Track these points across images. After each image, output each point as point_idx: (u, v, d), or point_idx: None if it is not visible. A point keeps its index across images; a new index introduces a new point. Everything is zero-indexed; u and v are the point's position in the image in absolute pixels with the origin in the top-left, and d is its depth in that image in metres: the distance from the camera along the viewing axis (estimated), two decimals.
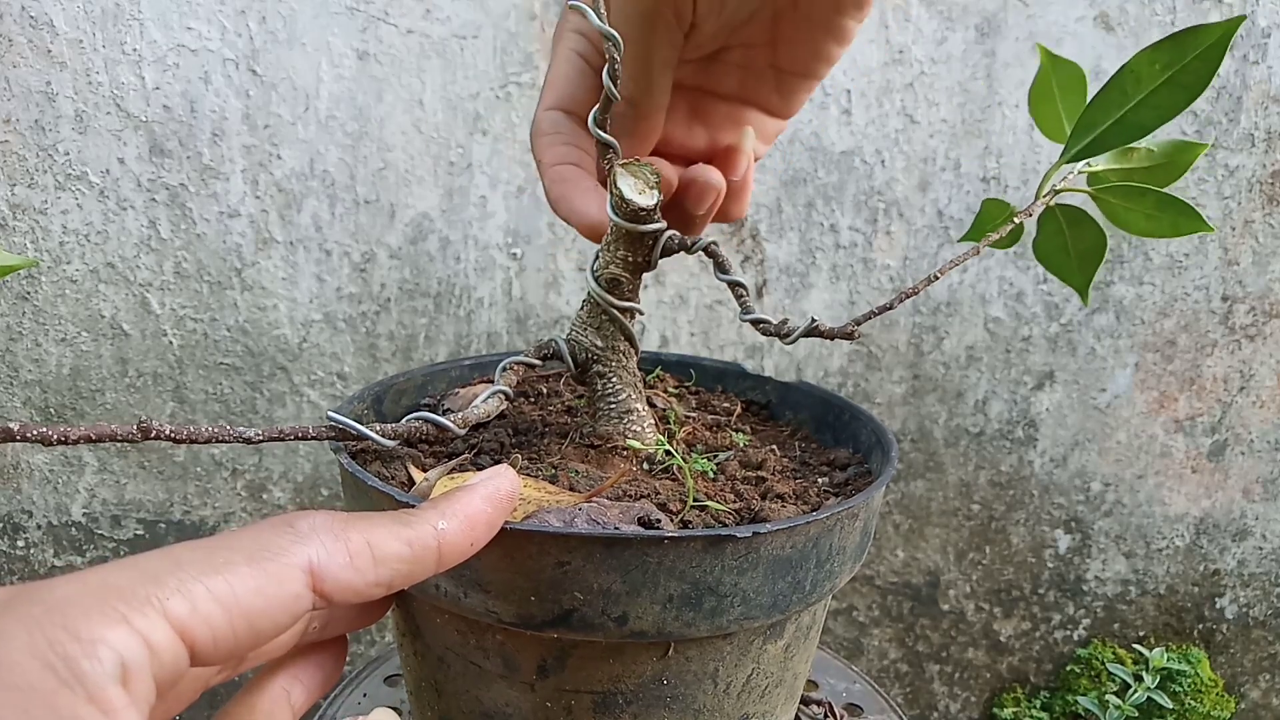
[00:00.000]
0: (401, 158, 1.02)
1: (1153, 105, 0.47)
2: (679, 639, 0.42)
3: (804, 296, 1.10)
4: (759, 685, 0.48)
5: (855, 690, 0.74)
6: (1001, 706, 1.26)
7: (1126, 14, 1.03)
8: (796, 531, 0.42)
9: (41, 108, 0.96)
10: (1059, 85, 0.56)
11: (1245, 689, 1.31)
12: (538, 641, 0.43)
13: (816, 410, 0.64)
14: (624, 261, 0.51)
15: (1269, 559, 1.25)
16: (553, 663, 0.44)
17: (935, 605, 1.24)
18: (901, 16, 1.02)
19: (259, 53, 0.97)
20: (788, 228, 1.08)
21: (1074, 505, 1.20)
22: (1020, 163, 1.08)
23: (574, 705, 0.44)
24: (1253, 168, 1.09)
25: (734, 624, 0.42)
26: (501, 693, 0.46)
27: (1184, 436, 1.19)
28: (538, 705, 0.45)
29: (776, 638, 0.47)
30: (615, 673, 0.43)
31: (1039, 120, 0.57)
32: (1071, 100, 0.56)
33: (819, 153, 1.06)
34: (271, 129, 0.99)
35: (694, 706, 0.46)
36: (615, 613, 0.40)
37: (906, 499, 1.19)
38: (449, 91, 1.01)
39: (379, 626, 1.17)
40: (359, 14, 0.97)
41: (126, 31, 0.95)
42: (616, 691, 0.44)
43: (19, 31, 0.93)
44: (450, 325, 1.08)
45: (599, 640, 0.42)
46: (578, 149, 0.51)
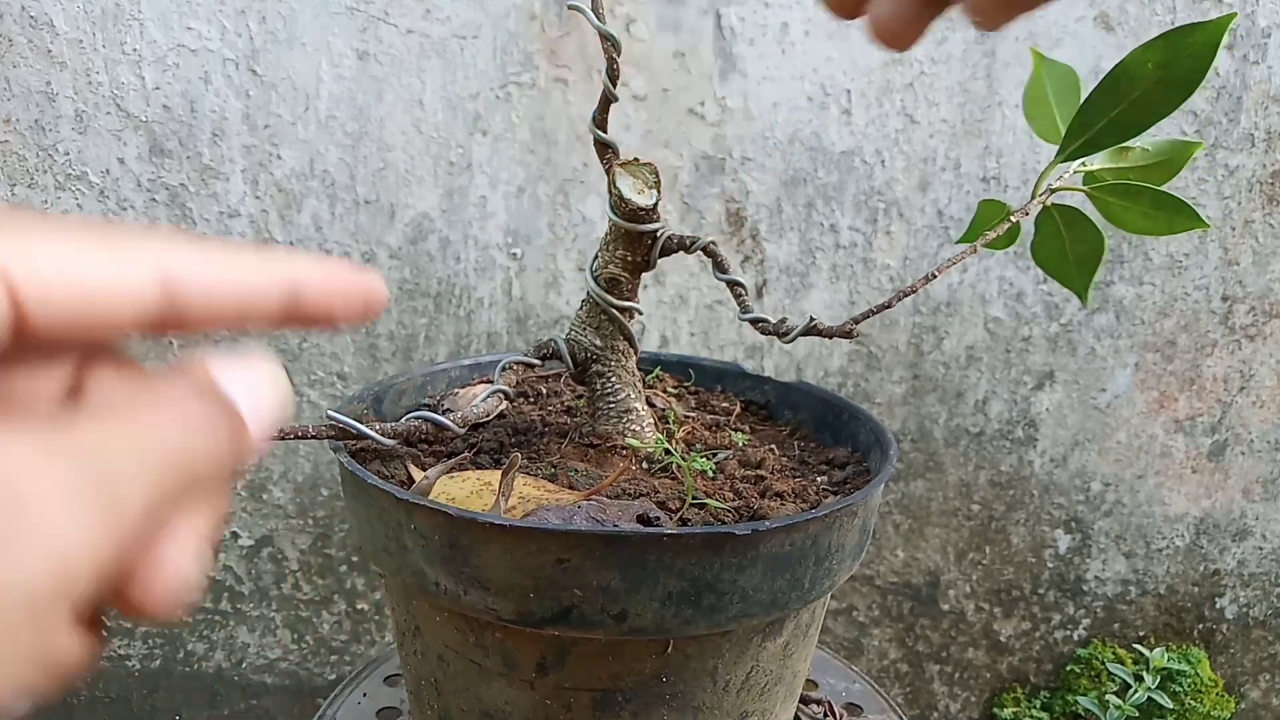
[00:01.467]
0: (401, 158, 1.02)
1: (1146, 104, 0.47)
2: (678, 636, 0.42)
3: (804, 296, 1.10)
4: (758, 683, 0.48)
5: (855, 690, 0.74)
6: (1001, 706, 1.26)
7: (1126, 14, 1.03)
8: (795, 529, 0.42)
9: (41, 108, 0.96)
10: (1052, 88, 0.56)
11: (1245, 689, 1.31)
12: (537, 639, 0.43)
13: (816, 410, 0.64)
14: (623, 261, 0.51)
15: (1269, 559, 1.25)
16: (552, 660, 0.44)
17: (935, 605, 1.24)
18: None
19: (259, 53, 0.97)
20: (788, 228, 1.08)
21: (1074, 505, 1.20)
22: (1020, 163, 1.08)
23: (573, 703, 0.44)
24: (1253, 168, 1.09)
25: (733, 621, 0.42)
26: (501, 690, 0.46)
27: (1184, 436, 1.19)
28: (537, 703, 0.45)
29: (775, 635, 0.47)
30: (614, 670, 0.43)
31: (1034, 124, 0.57)
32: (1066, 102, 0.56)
33: (819, 153, 1.06)
34: (271, 129, 0.99)
35: (693, 704, 0.46)
36: (614, 609, 0.40)
37: (906, 499, 1.19)
38: (449, 91, 1.01)
39: (379, 626, 1.18)
40: (359, 14, 0.97)
41: (126, 31, 0.95)
42: (616, 689, 0.44)
43: (19, 31, 0.93)
44: (450, 325, 1.08)
45: (598, 637, 0.42)
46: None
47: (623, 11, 1.00)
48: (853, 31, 1.02)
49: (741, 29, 1.02)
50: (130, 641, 1.15)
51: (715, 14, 1.01)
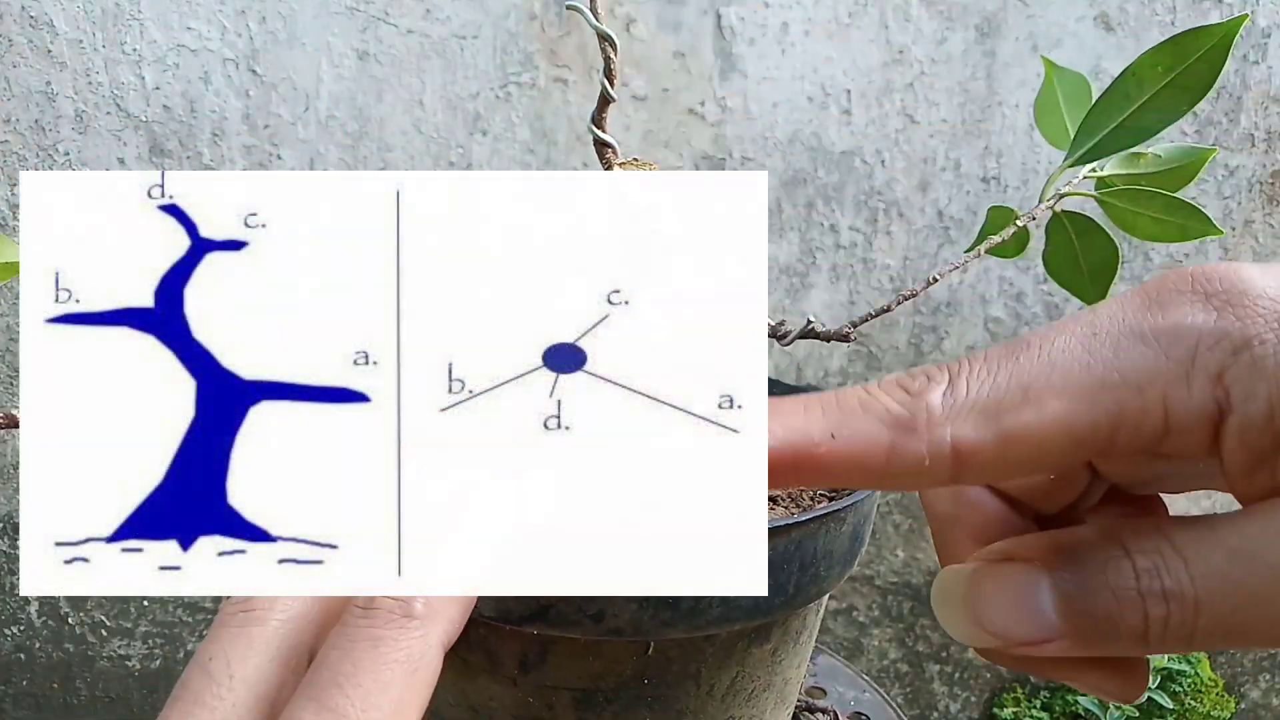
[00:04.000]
0: (401, 158, 1.02)
1: (1155, 108, 0.47)
2: (657, 638, 0.42)
3: (804, 296, 1.10)
4: (745, 688, 0.48)
5: (865, 699, 0.73)
6: (1001, 706, 1.26)
7: (1126, 14, 1.03)
8: (777, 534, 0.42)
9: (41, 108, 0.96)
10: (1064, 96, 0.56)
11: (1245, 689, 1.30)
12: (518, 636, 0.43)
13: None
14: None
15: None
16: (534, 658, 0.44)
17: None
18: (901, 16, 1.02)
19: (259, 53, 0.98)
20: (788, 228, 1.08)
21: None
22: (1020, 163, 1.07)
23: (555, 701, 0.45)
24: (1253, 168, 1.08)
25: (713, 625, 0.42)
26: (485, 687, 0.46)
27: None
28: (520, 700, 0.45)
29: (762, 641, 0.47)
30: (595, 670, 0.44)
31: (1045, 131, 0.57)
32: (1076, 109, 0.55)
33: (819, 153, 1.06)
34: (271, 129, 1.00)
35: (676, 707, 0.46)
36: (592, 609, 0.40)
37: (906, 499, 1.19)
38: (449, 91, 1.01)
39: None
40: (359, 14, 0.98)
41: (126, 31, 0.96)
42: (597, 689, 0.44)
43: (19, 31, 0.94)
44: None
45: (577, 637, 0.42)
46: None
47: (623, 11, 1.01)
48: (853, 32, 1.02)
49: (741, 29, 1.02)
50: (130, 641, 1.16)
51: (715, 14, 1.01)
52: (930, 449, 0.24)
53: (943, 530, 0.31)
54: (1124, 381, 0.23)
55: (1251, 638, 0.23)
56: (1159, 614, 0.23)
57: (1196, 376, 0.23)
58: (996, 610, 0.26)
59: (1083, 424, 0.23)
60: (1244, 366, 0.23)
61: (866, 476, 0.25)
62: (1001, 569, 0.26)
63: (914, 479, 0.24)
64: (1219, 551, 0.23)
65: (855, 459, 0.24)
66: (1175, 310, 0.23)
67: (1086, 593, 0.24)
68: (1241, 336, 0.23)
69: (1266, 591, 0.22)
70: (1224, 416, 0.23)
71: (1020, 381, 0.24)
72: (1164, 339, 0.23)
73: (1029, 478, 0.26)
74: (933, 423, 0.24)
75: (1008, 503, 0.30)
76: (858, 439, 0.24)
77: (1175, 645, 0.24)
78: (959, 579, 0.27)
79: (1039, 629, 0.25)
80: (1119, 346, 0.23)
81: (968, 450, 0.23)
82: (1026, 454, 0.24)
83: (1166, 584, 0.23)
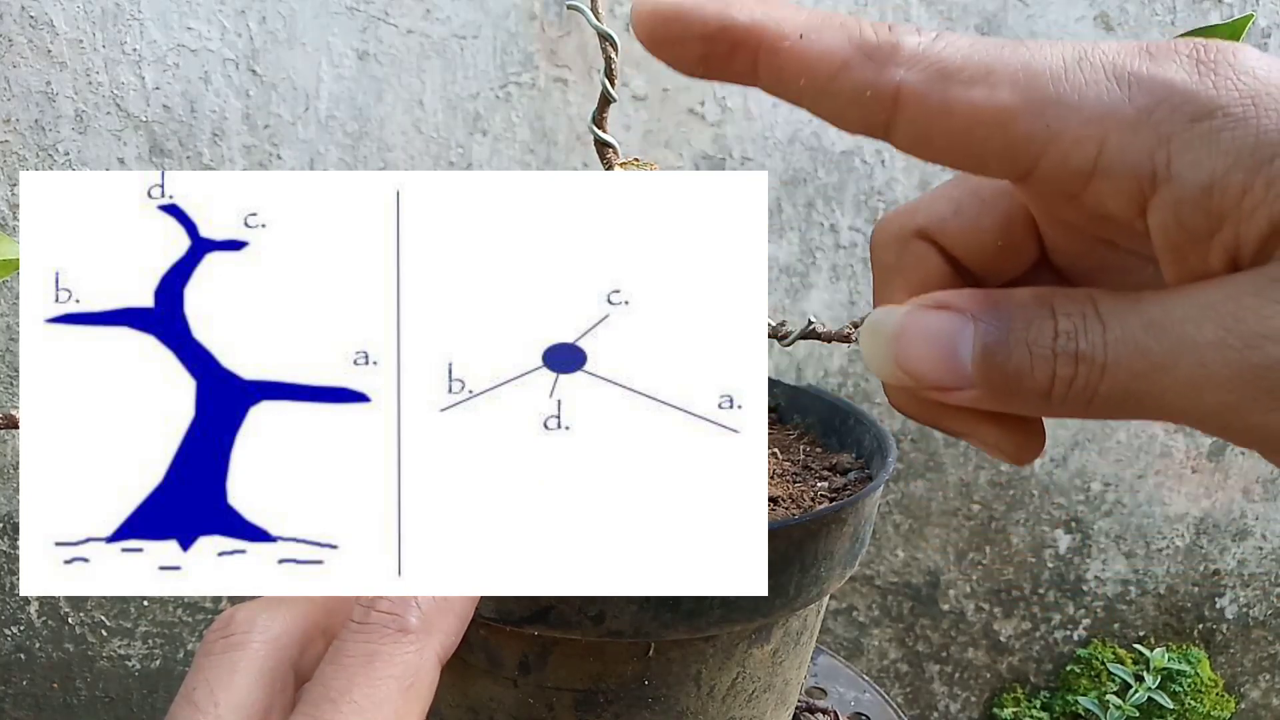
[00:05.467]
0: (401, 158, 1.02)
1: None
2: (657, 640, 0.42)
3: (804, 296, 1.10)
4: (745, 689, 0.48)
5: (865, 700, 0.73)
6: (1001, 706, 1.26)
7: (1126, 14, 1.03)
8: (778, 535, 0.42)
9: (41, 108, 0.96)
10: None
11: (1245, 689, 1.30)
12: (519, 637, 0.43)
13: (823, 414, 0.64)
14: None
15: (1269, 559, 1.25)
16: (534, 659, 0.44)
17: (935, 605, 1.24)
18: (901, 16, 1.02)
19: (259, 53, 0.98)
20: (788, 228, 1.08)
21: (1074, 505, 1.20)
22: None
23: (556, 702, 0.45)
24: None
25: (714, 626, 0.42)
26: (486, 688, 0.46)
27: (1184, 436, 1.18)
28: (521, 701, 0.45)
29: (762, 642, 0.47)
30: (596, 671, 0.44)
31: None
32: None
33: (819, 153, 1.06)
34: (271, 129, 1.00)
35: (677, 708, 0.46)
36: (592, 611, 0.40)
37: (906, 499, 1.19)
38: (449, 91, 1.01)
39: None
40: (359, 14, 0.98)
41: (126, 31, 0.96)
42: (598, 690, 0.44)
43: (19, 31, 0.94)
44: None
45: (578, 638, 0.42)
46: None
47: (623, 11, 1.00)
48: None
49: None
50: (130, 641, 1.16)
51: None
52: (877, 81, 0.24)
53: (884, 279, 0.31)
54: (1077, 106, 0.23)
55: (1146, 406, 0.24)
56: (1065, 374, 0.24)
57: (1145, 129, 0.23)
58: (917, 350, 0.26)
59: (1020, 127, 0.23)
60: (1198, 134, 0.22)
61: (808, 86, 0.25)
62: (931, 313, 0.26)
63: (851, 105, 0.25)
64: (1137, 320, 0.23)
65: (808, 62, 0.25)
66: (1162, 64, 0.23)
67: (1005, 346, 0.25)
68: (1209, 104, 0.22)
69: (1169, 362, 0.23)
70: (1157, 184, 0.23)
71: (989, 64, 0.24)
72: (1135, 85, 0.23)
73: (953, 164, 0.26)
74: (893, 60, 0.24)
75: (953, 266, 0.30)
76: (820, 44, 0.24)
77: (1074, 408, 0.24)
78: (890, 316, 0.27)
79: (952, 375, 0.25)
80: (1094, 78, 0.23)
81: (908, 98, 0.24)
82: (957, 127, 0.24)
83: (1081, 346, 0.23)
